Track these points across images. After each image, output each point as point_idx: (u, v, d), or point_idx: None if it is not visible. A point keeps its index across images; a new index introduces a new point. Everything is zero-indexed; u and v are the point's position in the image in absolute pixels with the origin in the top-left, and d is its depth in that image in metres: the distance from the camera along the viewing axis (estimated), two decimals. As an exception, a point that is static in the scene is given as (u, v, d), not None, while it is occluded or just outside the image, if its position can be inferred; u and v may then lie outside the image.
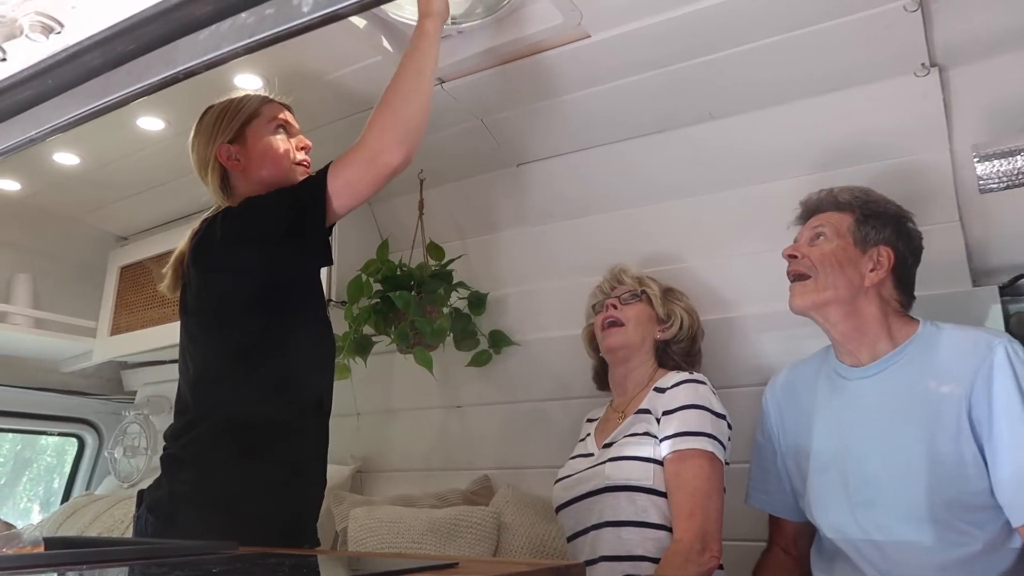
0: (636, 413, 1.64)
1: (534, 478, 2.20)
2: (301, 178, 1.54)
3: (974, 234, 1.72)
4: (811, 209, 1.59)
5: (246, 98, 1.57)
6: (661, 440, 1.56)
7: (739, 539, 1.74)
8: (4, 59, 0.67)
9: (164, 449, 1.52)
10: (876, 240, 1.48)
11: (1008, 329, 1.66)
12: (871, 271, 1.46)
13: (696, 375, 1.66)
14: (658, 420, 1.59)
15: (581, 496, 1.62)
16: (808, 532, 1.60)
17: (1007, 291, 1.69)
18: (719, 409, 1.60)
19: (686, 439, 1.53)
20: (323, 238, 1.42)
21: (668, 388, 1.63)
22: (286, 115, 1.60)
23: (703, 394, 1.60)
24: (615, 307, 1.79)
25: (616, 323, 1.77)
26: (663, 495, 1.53)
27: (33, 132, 0.70)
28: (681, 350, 1.78)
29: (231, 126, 1.54)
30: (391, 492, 2.45)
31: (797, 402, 1.59)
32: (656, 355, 1.78)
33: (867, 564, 1.39)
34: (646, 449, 1.56)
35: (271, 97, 1.60)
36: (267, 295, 1.46)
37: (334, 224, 1.46)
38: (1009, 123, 1.59)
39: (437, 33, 1.46)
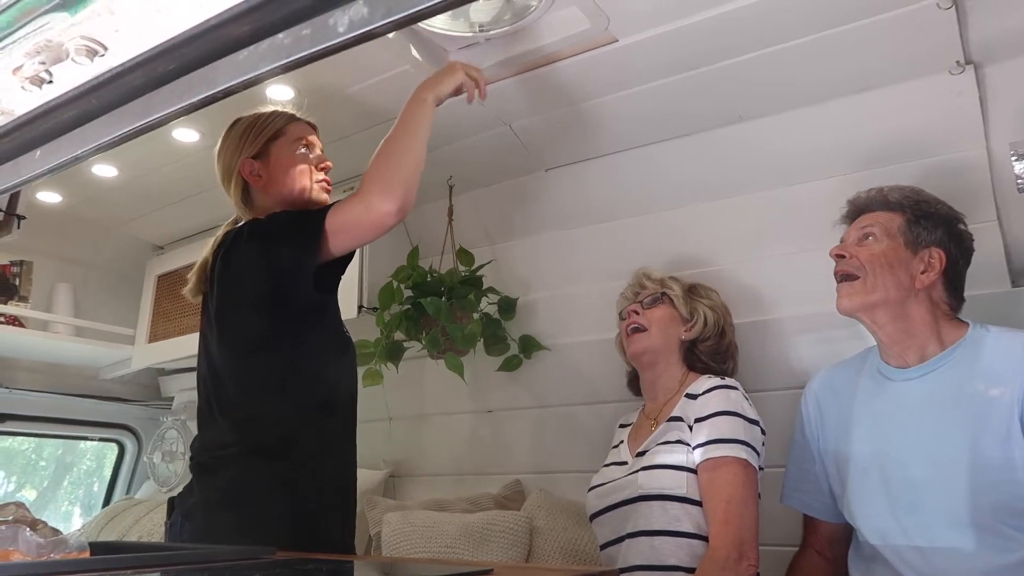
0: (668, 421, 1.63)
1: (566, 482, 2.20)
2: (320, 197, 1.60)
3: (1013, 233, 1.68)
4: (859, 208, 1.56)
5: (273, 115, 1.61)
6: (694, 448, 1.55)
7: (773, 543, 1.72)
8: (51, 81, 0.69)
9: (192, 458, 1.55)
10: (928, 241, 1.45)
11: (1049, 330, 1.63)
12: (922, 273, 1.44)
13: (728, 380, 1.64)
14: (690, 427, 1.58)
15: (615, 505, 1.62)
16: (844, 535, 1.58)
17: (1048, 292, 1.66)
18: (752, 415, 1.58)
19: (719, 446, 1.52)
20: (307, 265, 1.45)
21: (700, 394, 1.62)
22: (311, 134, 1.63)
23: (735, 400, 1.58)
24: (637, 312, 1.79)
25: (639, 328, 1.77)
26: (696, 503, 1.52)
27: (79, 151, 0.73)
28: (708, 349, 1.76)
29: (256, 142, 1.58)
30: (423, 496, 2.46)
31: (837, 402, 1.57)
32: (684, 357, 1.76)
33: (908, 569, 1.37)
34: (679, 457, 1.56)
35: (298, 115, 1.64)
36: (285, 305, 1.49)
37: (347, 260, 1.51)
38: (1048, 121, 1.56)
39: (435, 107, 1.56)
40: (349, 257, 1.53)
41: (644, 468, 1.59)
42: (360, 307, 2.27)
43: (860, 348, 1.62)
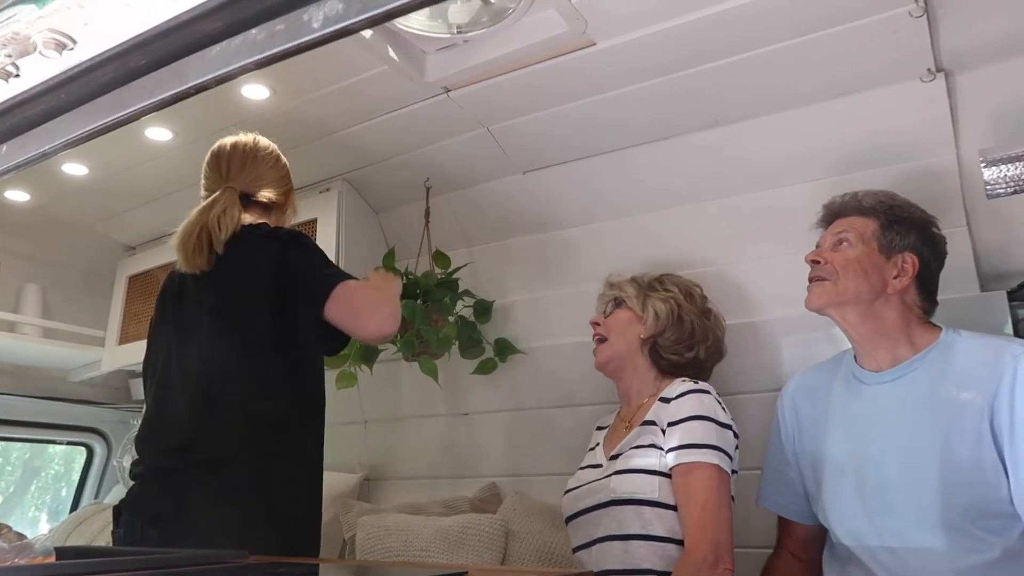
0: (642, 424, 1.63)
1: (541, 485, 2.20)
2: None
3: (982, 239, 1.72)
4: (834, 213, 1.57)
5: None
6: (667, 451, 1.55)
7: (748, 546, 1.73)
8: (18, 75, 0.68)
9: (152, 463, 1.53)
10: (901, 246, 1.47)
11: (1017, 334, 1.66)
12: (895, 278, 1.45)
13: (701, 384, 1.64)
14: (663, 431, 1.58)
15: (588, 509, 1.61)
16: (818, 537, 1.59)
17: (1015, 296, 1.69)
18: (724, 419, 1.58)
19: (691, 451, 1.51)
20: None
21: (673, 399, 1.61)
22: None
23: (708, 404, 1.58)
24: (598, 323, 1.79)
25: (601, 339, 1.77)
26: (669, 507, 1.52)
27: (46, 147, 0.71)
28: (669, 341, 1.72)
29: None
30: (399, 500, 2.45)
31: (813, 405, 1.58)
32: (650, 358, 1.74)
33: (882, 570, 1.38)
34: (651, 461, 1.55)
35: None
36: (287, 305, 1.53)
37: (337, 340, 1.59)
38: (1016, 128, 1.59)
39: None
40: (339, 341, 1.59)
41: (617, 472, 1.59)
42: (336, 309, 2.25)
43: (835, 351, 1.64)
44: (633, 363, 1.74)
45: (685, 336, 1.73)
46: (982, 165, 1.52)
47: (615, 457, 1.64)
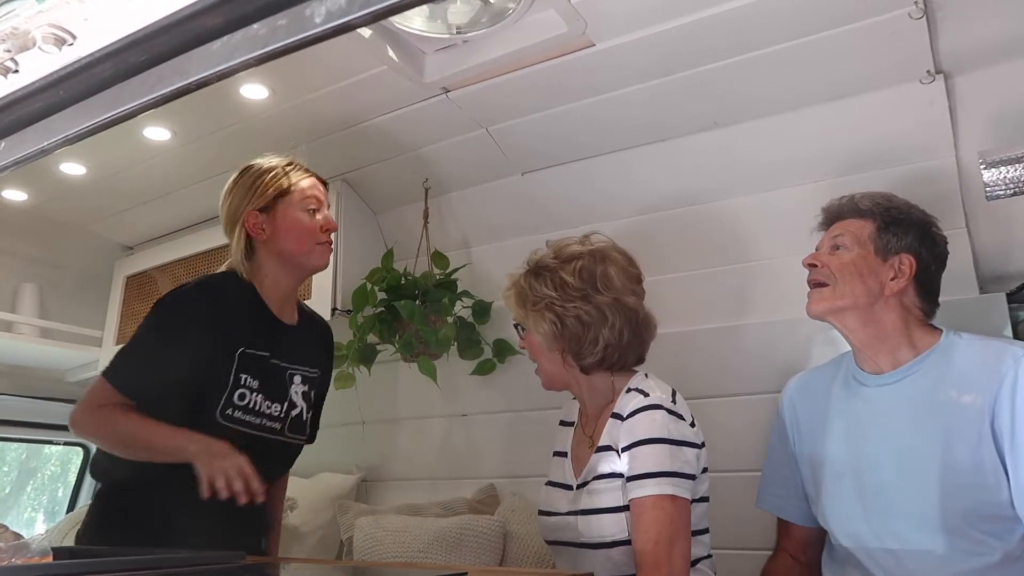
0: (599, 450, 1.51)
1: (540, 487, 2.19)
2: (320, 259, 1.59)
3: (981, 241, 1.72)
4: (832, 216, 1.57)
5: (287, 168, 1.60)
6: (625, 481, 1.45)
7: (748, 548, 1.73)
8: (16, 71, 0.67)
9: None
10: (897, 248, 1.46)
11: (1016, 336, 1.66)
12: (892, 279, 1.44)
13: (653, 397, 1.46)
14: (619, 454, 1.47)
15: (560, 542, 1.55)
16: (818, 539, 1.59)
17: (1014, 298, 1.69)
18: (678, 435, 1.42)
19: (643, 484, 1.40)
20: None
21: (626, 417, 1.47)
22: (320, 194, 1.61)
23: (660, 423, 1.42)
24: (523, 348, 1.66)
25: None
26: None
27: (44, 143, 0.71)
28: (574, 352, 1.53)
29: (265, 195, 1.55)
30: (396, 501, 2.44)
31: (813, 407, 1.57)
32: (579, 367, 1.56)
33: (881, 572, 1.38)
34: (615, 496, 1.45)
35: (311, 172, 1.63)
36: None
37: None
38: (1015, 130, 1.59)
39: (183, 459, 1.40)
40: None
41: (583, 512, 1.49)
42: (334, 309, 2.25)
43: (836, 353, 1.64)
44: (573, 376, 1.59)
45: (578, 337, 1.52)
46: (981, 167, 1.52)
47: (582, 485, 1.53)
